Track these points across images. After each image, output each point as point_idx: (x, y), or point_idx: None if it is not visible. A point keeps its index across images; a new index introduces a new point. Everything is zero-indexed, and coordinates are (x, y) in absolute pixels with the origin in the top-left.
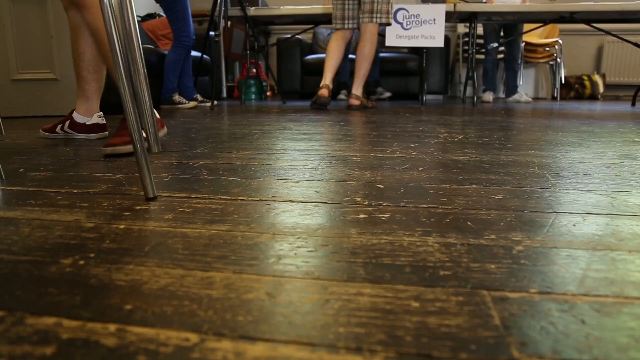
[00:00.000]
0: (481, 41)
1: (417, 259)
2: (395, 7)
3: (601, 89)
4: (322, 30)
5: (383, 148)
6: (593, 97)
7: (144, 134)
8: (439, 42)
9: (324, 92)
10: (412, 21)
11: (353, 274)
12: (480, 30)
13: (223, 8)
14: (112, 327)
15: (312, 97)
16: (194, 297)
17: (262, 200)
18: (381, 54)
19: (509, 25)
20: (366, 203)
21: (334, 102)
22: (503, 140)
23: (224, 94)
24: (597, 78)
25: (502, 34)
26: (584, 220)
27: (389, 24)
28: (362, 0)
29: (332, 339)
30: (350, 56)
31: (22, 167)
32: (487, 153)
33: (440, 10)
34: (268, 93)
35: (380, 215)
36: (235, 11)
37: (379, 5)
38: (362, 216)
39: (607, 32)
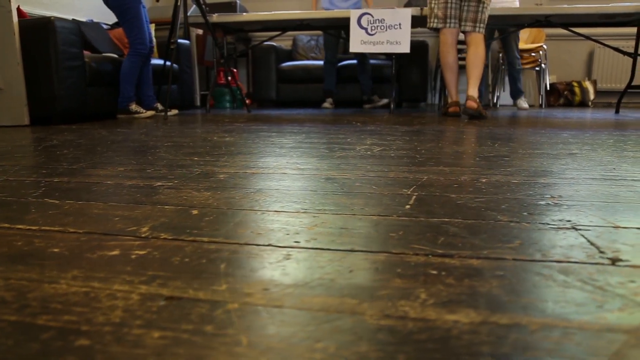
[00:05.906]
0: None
1: (93, 318)
2: (359, 12)
3: (592, 96)
4: (302, 37)
5: (272, 163)
6: (583, 104)
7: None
8: (405, 48)
9: (454, 109)
10: (377, 26)
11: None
12: None
13: (182, 15)
14: None
15: (287, 105)
16: None
17: (51, 231)
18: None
19: (504, 29)
20: (145, 235)
21: (322, 111)
22: (420, 153)
23: (197, 102)
24: (588, 84)
25: (495, 35)
26: (366, 268)
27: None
28: (467, 7)
29: None
30: (349, 62)
31: None
32: (380, 169)
33: (405, 15)
34: (247, 101)
35: (137, 251)
36: (200, 18)
37: (482, 15)
38: (114, 253)
39: (587, 37)
